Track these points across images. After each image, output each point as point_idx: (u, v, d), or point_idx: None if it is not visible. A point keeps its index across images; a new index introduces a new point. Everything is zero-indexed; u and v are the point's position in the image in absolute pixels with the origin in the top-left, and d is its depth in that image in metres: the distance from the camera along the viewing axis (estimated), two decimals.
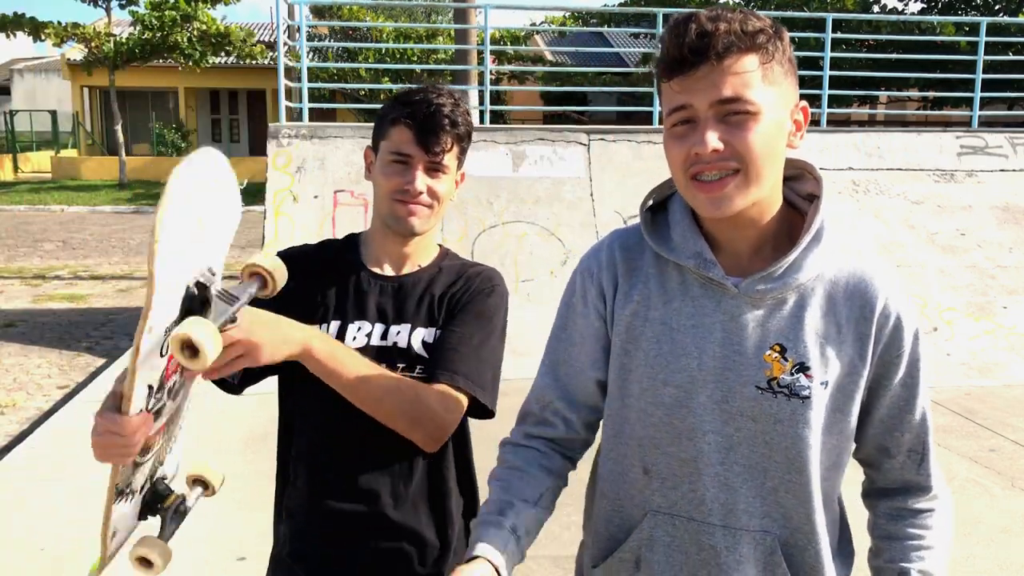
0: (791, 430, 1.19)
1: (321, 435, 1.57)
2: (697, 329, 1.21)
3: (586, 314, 1.30)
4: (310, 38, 17.73)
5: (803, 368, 1.18)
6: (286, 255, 1.54)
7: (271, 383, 1.63)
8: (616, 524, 1.30)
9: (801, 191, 1.28)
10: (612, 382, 1.28)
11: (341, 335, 1.56)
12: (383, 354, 1.55)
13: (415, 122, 1.52)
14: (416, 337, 1.57)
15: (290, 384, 1.62)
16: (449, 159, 1.56)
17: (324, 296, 1.60)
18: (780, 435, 1.19)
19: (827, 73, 8.23)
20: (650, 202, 1.30)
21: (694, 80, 1.11)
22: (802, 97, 1.23)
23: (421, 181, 1.54)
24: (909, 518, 1.30)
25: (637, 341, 1.24)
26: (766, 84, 1.12)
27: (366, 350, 1.54)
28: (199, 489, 1.38)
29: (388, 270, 1.63)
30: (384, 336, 1.57)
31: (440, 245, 1.72)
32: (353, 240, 1.70)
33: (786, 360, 1.18)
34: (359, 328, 1.57)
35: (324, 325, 1.57)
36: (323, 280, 1.62)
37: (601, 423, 1.35)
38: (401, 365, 1.54)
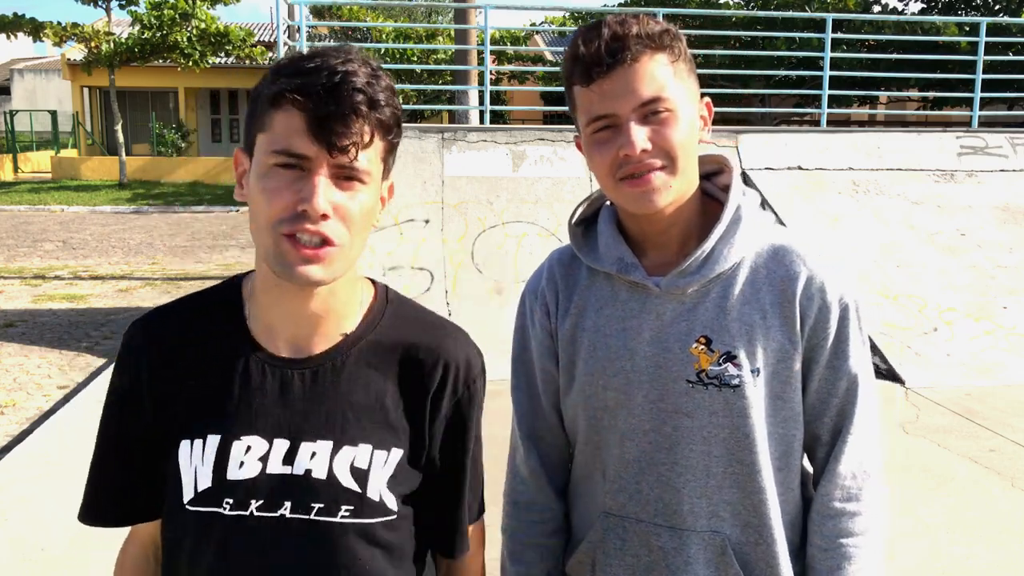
0: (727, 421, 1.19)
1: None
2: (626, 332, 1.23)
3: (535, 334, 1.33)
4: (310, 38, 17.73)
5: (730, 357, 1.19)
6: (143, 336, 1.11)
7: None
8: (580, 527, 1.33)
9: (720, 184, 1.30)
10: (563, 393, 1.30)
11: (222, 457, 1.04)
12: (287, 489, 1.03)
13: (310, 100, 0.97)
14: (342, 461, 1.05)
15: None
16: (369, 160, 1.01)
17: (194, 396, 1.07)
18: (717, 427, 1.20)
19: (827, 73, 8.23)
20: (576, 215, 1.34)
21: (612, 83, 1.14)
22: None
23: (324, 196, 0.97)
24: (832, 519, 1.22)
25: (577, 351, 1.27)
26: (677, 81, 1.16)
27: (260, 482, 1.03)
28: None
29: (289, 346, 1.08)
30: (289, 459, 1.04)
31: (372, 281, 1.17)
32: (235, 293, 1.13)
33: (712, 351, 1.19)
34: (248, 448, 1.04)
35: (199, 441, 1.04)
36: (193, 369, 1.08)
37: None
38: (317, 506, 1.03)
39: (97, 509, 1.15)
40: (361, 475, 1.05)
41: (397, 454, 1.08)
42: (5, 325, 7.93)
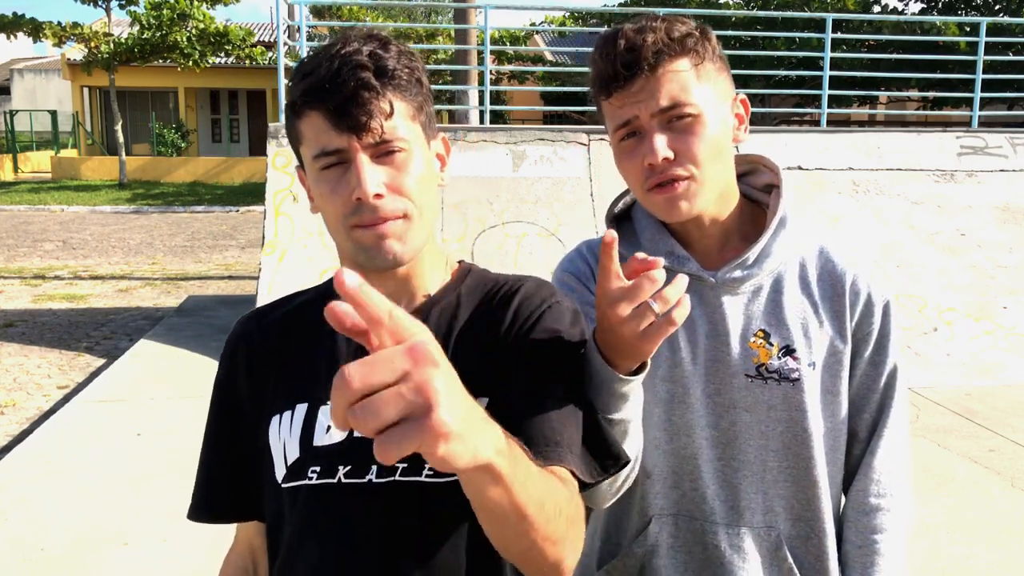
0: (784, 415, 1.20)
1: None
2: (687, 324, 1.21)
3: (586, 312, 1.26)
4: (310, 38, 17.74)
5: (789, 351, 1.20)
6: (242, 329, 1.15)
7: None
8: (621, 529, 1.29)
9: (756, 184, 1.30)
10: None
11: (309, 425, 1.04)
12: (372, 451, 0.99)
13: (319, 95, 0.98)
14: None
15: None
16: (400, 127, 1.00)
17: (283, 371, 1.09)
18: (775, 422, 1.20)
19: (827, 73, 8.22)
20: (616, 210, 1.31)
21: (631, 95, 1.13)
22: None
23: (372, 177, 0.98)
24: (868, 515, 1.23)
25: None
26: (702, 84, 1.14)
27: (347, 447, 1.02)
28: None
29: None
30: None
31: (461, 262, 1.17)
32: (329, 282, 1.14)
33: (771, 345, 1.20)
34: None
35: (287, 413, 1.06)
36: (284, 349, 1.11)
37: None
38: (401, 466, 1.00)
39: (205, 504, 1.14)
40: None
41: (482, 403, 0.88)
42: (5, 325, 7.93)
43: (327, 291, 1.14)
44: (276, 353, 1.11)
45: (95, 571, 3.32)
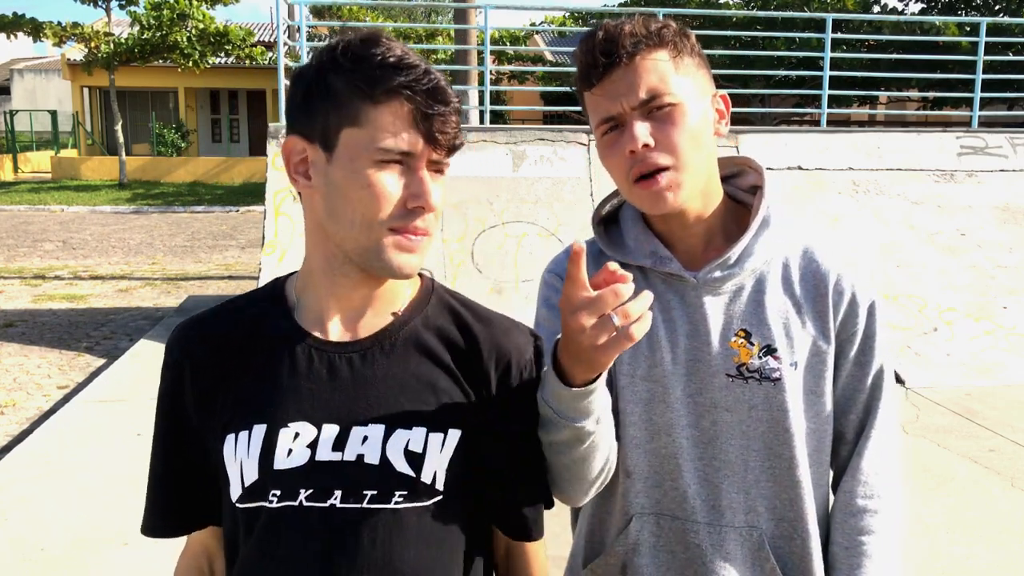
0: (766, 415, 1.19)
1: None
2: (668, 323, 1.22)
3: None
4: (310, 38, 17.74)
5: (770, 350, 1.19)
6: (185, 338, 1.11)
7: None
8: (604, 527, 1.29)
9: (742, 185, 1.31)
10: None
11: (269, 447, 1.00)
12: (337, 477, 1.00)
13: (417, 97, 0.97)
14: (395, 444, 1.01)
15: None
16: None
17: (239, 390, 1.04)
18: (756, 422, 1.19)
19: (827, 73, 8.22)
20: (603, 212, 1.32)
21: (612, 84, 1.14)
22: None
23: (436, 191, 1.00)
24: (855, 516, 1.22)
25: None
26: (680, 76, 1.15)
27: (309, 470, 1.00)
28: None
29: (338, 331, 1.06)
30: (339, 445, 1.01)
31: (422, 276, 1.15)
32: (280, 291, 1.10)
33: (752, 344, 1.19)
34: (296, 435, 1.00)
35: (244, 433, 1.01)
36: (236, 362, 1.05)
37: None
38: (370, 493, 1.00)
39: (158, 520, 1.13)
40: (416, 459, 1.01)
41: (455, 435, 1.03)
42: (5, 325, 7.93)
43: (273, 299, 1.10)
44: (226, 365, 1.05)
45: (95, 571, 3.32)
